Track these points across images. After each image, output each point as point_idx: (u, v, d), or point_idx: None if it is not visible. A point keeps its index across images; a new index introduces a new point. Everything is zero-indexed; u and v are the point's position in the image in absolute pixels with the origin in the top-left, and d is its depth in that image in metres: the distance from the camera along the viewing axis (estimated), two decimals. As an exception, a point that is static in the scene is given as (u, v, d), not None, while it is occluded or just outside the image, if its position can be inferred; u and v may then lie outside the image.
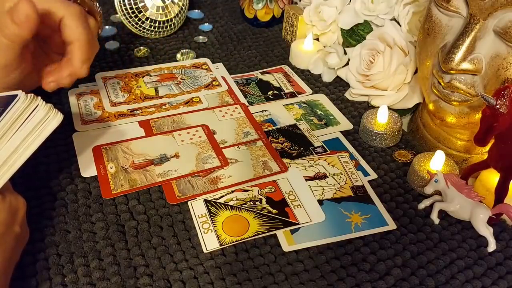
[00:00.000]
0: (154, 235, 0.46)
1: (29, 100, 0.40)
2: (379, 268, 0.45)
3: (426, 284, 0.44)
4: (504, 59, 0.46)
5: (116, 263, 0.44)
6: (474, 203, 0.47)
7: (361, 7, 0.68)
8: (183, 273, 0.43)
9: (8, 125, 0.39)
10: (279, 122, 0.61)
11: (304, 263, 0.45)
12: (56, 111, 0.41)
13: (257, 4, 0.80)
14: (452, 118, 0.53)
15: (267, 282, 0.43)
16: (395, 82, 0.63)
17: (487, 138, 0.46)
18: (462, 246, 0.47)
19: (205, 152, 0.55)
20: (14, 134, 0.40)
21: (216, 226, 0.47)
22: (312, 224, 0.48)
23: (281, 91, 0.67)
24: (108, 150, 0.55)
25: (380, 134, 0.58)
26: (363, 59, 0.64)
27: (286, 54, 0.76)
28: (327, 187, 0.52)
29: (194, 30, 0.81)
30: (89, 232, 0.46)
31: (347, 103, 0.66)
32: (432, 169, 0.52)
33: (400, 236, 0.48)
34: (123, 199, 0.49)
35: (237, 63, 0.73)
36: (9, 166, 0.39)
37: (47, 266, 0.43)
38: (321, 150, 0.57)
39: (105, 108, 0.61)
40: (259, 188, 0.51)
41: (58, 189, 0.50)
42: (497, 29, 0.45)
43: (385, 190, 0.53)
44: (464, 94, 0.49)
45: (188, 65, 0.71)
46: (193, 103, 0.63)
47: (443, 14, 0.50)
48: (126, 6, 0.72)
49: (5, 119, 0.39)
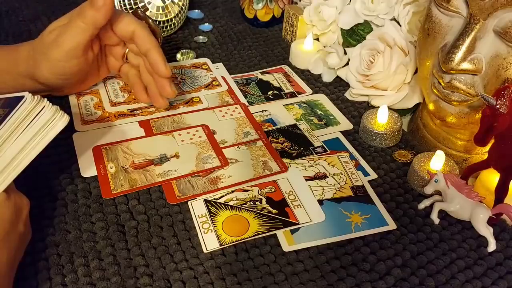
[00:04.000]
0: (154, 235, 0.46)
1: (36, 101, 0.41)
2: (379, 268, 0.45)
3: (426, 284, 0.44)
4: (504, 59, 0.46)
5: (116, 263, 0.44)
6: (474, 203, 0.47)
7: (361, 7, 0.68)
8: (183, 273, 0.43)
9: (15, 126, 0.40)
10: (279, 122, 0.61)
11: (304, 263, 0.45)
12: (62, 113, 0.42)
13: (257, 4, 0.80)
14: (452, 118, 0.53)
15: (267, 282, 0.43)
16: (395, 82, 0.63)
17: (487, 138, 0.46)
18: (462, 246, 0.47)
19: (205, 152, 0.55)
20: (21, 134, 0.40)
21: (216, 226, 0.47)
22: (312, 224, 0.48)
23: (281, 91, 0.67)
24: (108, 150, 0.55)
25: (380, 134, 0.58)
26: (363, 59, 0.64)
27: (286, 54, 0.76)
28: (327, 187, 0.52)
29: (194, 30, 0.81)
30: (89, 232, 0.46)
31: (347, 103, 0.66)
32: (432, 169, 0.52)
33: (400, 236, 0.48)
34: (123, 199, 0.49)
35: (237, 63, 0.73)
36: (14, 166, 0.40)
37: (47, 266, 0.43)
38: (321, 150, 0.57)
39: (105, 108, 0.61)
40: (259, 188, 0.51)
41: (58, 189, 0.50)
42: (497, 29, 0.45)
43: (385, 190, 0.53)
44: (464, 94, 0.49)
45: (188, 65, 0.71)
46: (193, 103, 0.63)
47: (443, 14, 0.50)
48: (126, 6, 0.72)
49: (12, 120, 0.40)
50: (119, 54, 0.59)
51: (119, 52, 0.59)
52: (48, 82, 0.54)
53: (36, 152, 0.41)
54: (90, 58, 0.55)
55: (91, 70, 0.59)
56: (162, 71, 0.55)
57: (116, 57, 0.60)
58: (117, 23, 0.55)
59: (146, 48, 0.55)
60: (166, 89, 0.57)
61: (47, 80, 0.54)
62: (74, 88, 0.61)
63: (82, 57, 0.54)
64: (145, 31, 0.55)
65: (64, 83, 0.56)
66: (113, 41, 0.57)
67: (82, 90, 0.62)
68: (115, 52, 0.59)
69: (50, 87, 0.56)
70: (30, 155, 0.41)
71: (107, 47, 0.59)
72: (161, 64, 0.55)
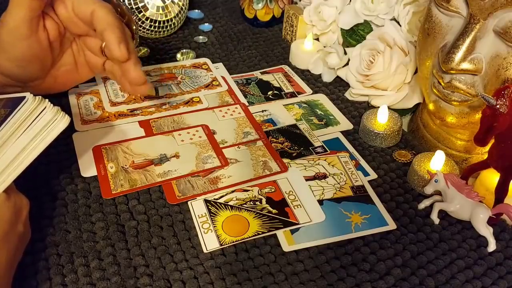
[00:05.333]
0: (154, 235, 0.46)
1: (37, 102, 0.41)
2: (379, 268, 0.45)
3: (426, 284, 0.44)
4: (504, 59, 0.46)
5: (116, 263, 0.44)
6: (474, 203, 0.47)
7: (361, 7, 0.68)
8: (183, 273, 0.43)
9: (16, 126, 0.40)
10: (279, 122, 0.61)
11: (304, 263, 0.45)
12: (63, 113, 0.42)
13: (257, 4, 0.80)
14: (452, 118, 0.53)
15: (267, 282, 0.43)
16: (395, 82, 0.63)
17: (487, 138, 0.46)
18: (462, 246, 0.47)
19: (205, 152, 0.55)
20: (21, 135, 0.40)
21: (216, 226, 0.47)
22: (312, 224, 0.48)
23: (281, 91, 0.67)
24: (108, 150, 0.55)
25: (380, 134, 0.58)
26: (363, 59, 0.64)
27: (286, 54, 0.76)
28: (327, 187, 0.52)
29: (194, 30, 0.81)
30: (89, 232, 0.46)
31: (347, 103, 0.66)
32: (432, 169, 0.52)
33: (400, 236, 0.48)
34: (123, 199, 0.49)
35: (237, 63, 0.73)
36: (15, 166, 0.40)
37: (47, 266, 0.43)
38: (321, 150, 0.57)
39: (105, 108, 0.61)
40: (259, 188, 0.51)
41: (58, 189, 0.50)
42: (497, 29, 0.45)
43: (385, 190, 0.53)
44: (464, 94, 0.49)
45: (188, 65, 0.71)
46: (193, 103, 0.63)
47: (443, 14, 0.50)
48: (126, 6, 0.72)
49: (13, 120, 0.40)
50: (96, 48, 0.54)
51: (95, 45, 0.54)
52: (8, 71, 0.51)
53: (37, 153, 0.41)
54: (44, 42, 0.51)
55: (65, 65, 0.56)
56: (115, 52, 0.49)
57: (94, 51, 0.55)
58: (76, 4, 0.50)
59: (101, 28, 0.49)
60: (130, 74, 0.51)
61: (3, 68, 0.51)
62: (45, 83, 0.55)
63: (31, 37, 0.49)
64: (104, 10, 0.49)
65: (23, 71, 0.51)
66: (81, 28, 0.53)
67: (61, 89, 0.59)
68: (90, 45, 0.54)
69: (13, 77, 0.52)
70: (30, 156, 0.41)
71: (82, 40, 0.55)
72: (114, 44, 0.49)
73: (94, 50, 0.55)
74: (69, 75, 0.58)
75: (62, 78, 0.57)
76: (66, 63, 0.56)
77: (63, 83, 0.59)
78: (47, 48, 0.52)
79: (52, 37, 0.52)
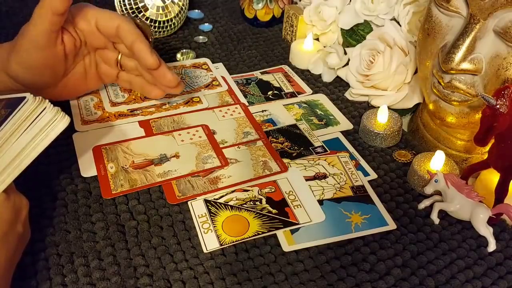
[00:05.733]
0: (154, 235, 0.46)
1: (37, 102, 0.41)
2: (379, 268, 0.45)
3: (426, 284, 0.44)
4: (504, 59, 0.46)
5: (116, 263, 0.44)
6: (474, 203, 0.47)
7: (361, 7, 0.68)
8: (183, 273, 0.43)
9: (16, 126, 0.40)
10: (279, 122, 0.61)
11: (304, 263, 0.45)
12: (63, 114, 0.42)
13: (257, 4, 0.80)
14: (452, 118, 0.53)
15: (267, 282, 0.43)
16: (395, 82, 0.63)
17: (487, 138, 0.46)
18: (462, 246, 0.47)
19: (205, 152, 0.55)
20: (21, 135, 0.40)
21: (216, 226, 0.47)
22: (312, 224, 0.48)
23: (281, 91, 0.67)
24: (108, 150, 0.55)
25: (380, 134, 0.58)
26: (363, 59, 0.64)
27: (286, 54, 0.76)
28: (327, 187, 0.52)
29: (194, 30, 0.81)
30: (89, 232, 0.46)
31: (347, 103, 0.66)
32: (432, 169, 0.52)
33: (400, 236, 0.48)
34: (123, 199, 0.49)
35: (237, 63, 0.73)
36: (15, 166, 0.40)
37: (47, 266, 0.43)
38: (321, 150, 0.57)
39: (105, 108, 0.61)
40: (259, 188, 0.51)
41: (58, 189, 0.50)
42: (497, 29, 0.45)
43: (385, 190, 0.53)
44: (464, 94, 0.49)
45: (188, 65, 0.71)
46: (193, 103, 0.63)
47: (443, 14, 0.50)
48: (126, 6, 0.72)
49: (13, 120, 0.40)
50: (112, 60, 0.57)
51: (111, 57, 0.57)
52: (18, 76, 0.52)
53: (36, 153, 0.41)
54: (60, 53, 0.53)
55: (75, 75, 0.57)
56: (149, 61, 0.53)
57: (109, 63, 0.58)
58: (100, 20, 0.53)
59: (130, 40, 0.53)
60: (167, 77, 0.55)
61: (16, 73, 0.52)
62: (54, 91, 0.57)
63: (48, 49, 0.51)
64: (130, 24, 0.53)
65: (35, 79, 0.53)
66: (101, 42, 0.55)
67: (67, 97, 0.60)
68: (106, 57, 0.57)
69: (22, 83, 0.53)
70: (30, 156, 0.41)
71: (98, 53, 0.57)
72: (147, 53, 0.52)
73: (110, 62, 0.58)
74: (77, 85, 0.59)
75: (70, 87, 0.59)
76: (76, 74, 0.58)
77: (71, 92, 0.60)
78: (61, 59, 0.54)
79: (67, 50, 0.54)
